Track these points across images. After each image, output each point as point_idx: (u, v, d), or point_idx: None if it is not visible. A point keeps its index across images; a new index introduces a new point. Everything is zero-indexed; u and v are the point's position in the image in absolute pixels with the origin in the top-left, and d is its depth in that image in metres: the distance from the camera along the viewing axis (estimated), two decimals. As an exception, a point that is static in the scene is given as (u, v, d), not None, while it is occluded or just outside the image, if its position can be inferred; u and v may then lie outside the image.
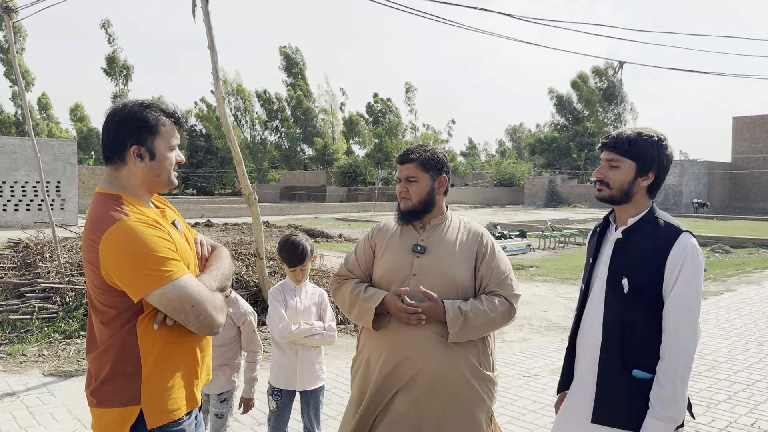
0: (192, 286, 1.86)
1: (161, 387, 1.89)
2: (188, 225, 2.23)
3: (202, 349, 2.04)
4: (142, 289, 1.81)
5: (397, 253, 2.61)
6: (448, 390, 2.44)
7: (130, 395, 1.86)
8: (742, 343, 6.89)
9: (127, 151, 1.93)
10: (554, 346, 6.95)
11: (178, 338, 1.92)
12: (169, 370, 1.91)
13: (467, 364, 2.47)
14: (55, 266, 8.05)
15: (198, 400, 2.01)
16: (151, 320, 1.88)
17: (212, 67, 6.36)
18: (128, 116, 1.94)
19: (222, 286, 2.05)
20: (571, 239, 19.36)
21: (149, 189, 2.01)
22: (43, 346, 6.36)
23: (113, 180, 1.97)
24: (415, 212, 2.61)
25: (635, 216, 2.18)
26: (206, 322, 1.87)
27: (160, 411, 1.88)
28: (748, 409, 4.84)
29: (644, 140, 2.13)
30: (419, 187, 2.59)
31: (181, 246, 1.96)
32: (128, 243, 1.80)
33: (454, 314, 2.40)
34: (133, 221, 1.83)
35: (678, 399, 2.01)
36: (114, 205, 1.87)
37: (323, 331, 3.39)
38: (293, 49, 67.42)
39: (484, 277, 2.55)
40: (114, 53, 59.60)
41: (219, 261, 2.14)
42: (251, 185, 6.96)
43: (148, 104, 1.98)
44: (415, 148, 2.68)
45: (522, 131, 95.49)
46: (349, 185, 55.03)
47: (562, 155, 60.37)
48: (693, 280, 2.02)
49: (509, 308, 2.52)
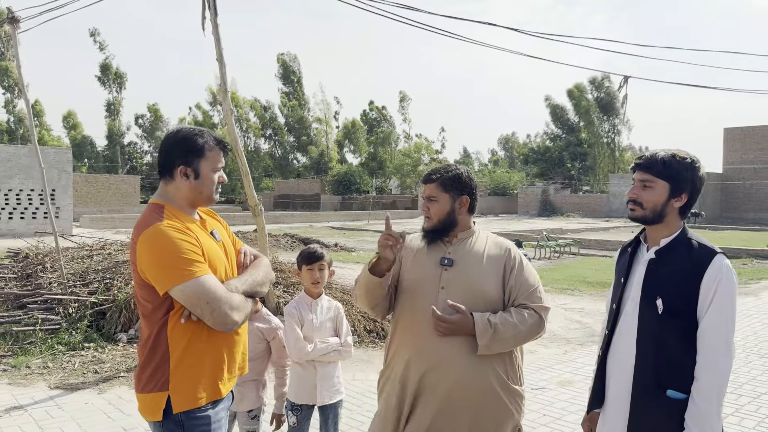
0: (210, 285, 2.09)
1: (186, 377, 2.13)
2: (233, 235, 2.50)
3: (229, 347, 2.25)
4: (166, 284, 2.07)
5: (425, 266, 2.63)
6: (476, 402, 2.46)
7: (161, 383, 2.12)
8: (744, 355, 6.93)
9: (176, 169, 2.23)
10: (559, 358, 6.98)
11: (203, 335, 2.16)
12: (195, 362, 2.14)
13: (496, 377, 2.49)
14: (58, 277, 8.01)
15: (222, 393, 2.21)
16: (180, 317, 2.13)
17: (221, 80, 6.39)
18: (179, 140, 2.25)
19: (252, 291, 2.27)
20: (566, 249, 19.44)
21: (192, 203, 2.30)
22: (48, 358, 6.32)
23: (163, 192, 2.28)
24: (436, 231, 2.65)
25: (668, 237, 2.21)
26: (220, 318, 2.10)
27: (184, 398, 2.12)
28: (756, 422, 4.88)
29: (678, 162, 2.17)
30: (439, 207, 2.63)
31: (211, 251, 2.21)
32: (157, 243, 2.09)
33: (483, 326, 2.42)
34: (164, 226, 2.11)
35: (713, 419, 2.03)
36: (155, 213, 2.18)
37: (339, 348, 3.40)
38: (291, 57, 67.37)
39: (513, 289, 2.57)
40: (107, 61, 59.47)
41: (255, 269, 2.38)
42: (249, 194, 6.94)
43: (199, 131, 2.28)
44: (438, 168, 2.72)
45: (514, 141, 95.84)
46: (344, 194, 55.01)
47: (555, 165, 60.66)
48: (728, 302, 2.05)
49: (539, 321, 2.54)
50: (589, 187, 59.86)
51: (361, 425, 4.67)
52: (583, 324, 8.92)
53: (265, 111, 67.17)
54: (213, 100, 64.80)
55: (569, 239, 20.97)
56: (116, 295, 7.33)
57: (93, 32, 58.96)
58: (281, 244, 18.83)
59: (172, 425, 2.13)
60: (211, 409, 2.18)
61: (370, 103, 68.84)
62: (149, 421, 2.21)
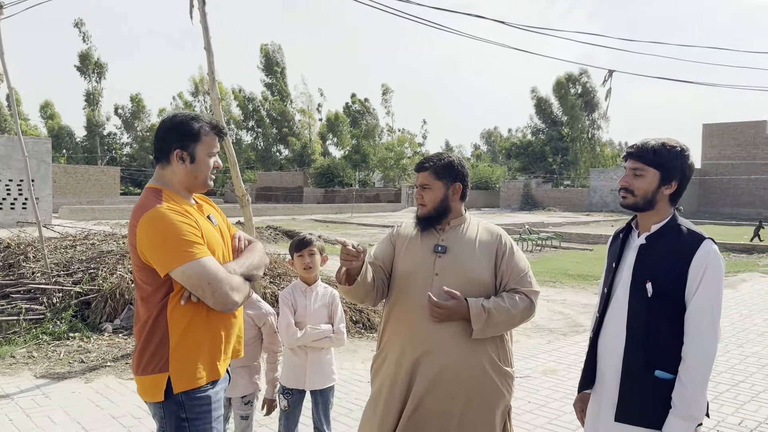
0: (210, 266, 2.12)
1: (186, 358, 2.16)
2: (228, 221, 2.49)
3: (227, 328, 2.29)
4: (167, 265, 2.10)
5: (419, 253, 2.68)
6: (470, 384, 2.53)
7: (161, 364, 2.15)
8: (722, 345, 7.09)
9: (171, 153, 2.26)
10: (542, 347, 7.09)
11: (202, 316, 2.19)
12: (194, 343, 2.17)
13: (488, 360, 2.57)
14: (41, 267, 7.93)
15: (220, 373, 2.26)
16: (180, 299, 2.15)
17: (208, 69, 6.36)
18: (176, 125, 2.27)
19: (248, 274, 2.30)
20: (548, 242, 19.64)
21: (188, 188, 2.32)
22: (32, 348, 6.27)
23: (159, 177, 2.30)
24: (430, 218, 2.70)
25: (658, 223, 2.27)
26: (221, 298, 2.13)
27: (184, 378, 2.16)
28: (734, 408, 5.01)
29: (668, 150, 2.23)
30: (433, 194, 2.69)
31: (209, 235, 2.23)
32: (158, 225, 2.11)
33: (478, 311, 2.49)
34: (164, 208, 2.14)
35: (699, 399, 2.11)
36: (153, 197, 2.20)
37: (331, 334, 3.44)
38: (275, 47, 66.74)
39: (504, 275, 2.64)
40: (88, 50, 58.63)
41: (250, 253, 2.41)
42: (230, 185, 6.94)
43: (195, 116, 2.31)
44: (430, 156, 2.79)
45: (496, 135, 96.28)
46: (327, 187, 54.92)
47: (537, 159, 61.11)
48: (714, 285, 2.12)
49: (530, 305, 2.62)
50: (570, 181, 60.41)
51: (349, 412, 4.73)
52: (566, 315, 9.06)
53: (247, 102, 66.67)
54: (195, 90, 64.18)
55: (551, 233, 21.21)
56: (101, 284, 7.29)
57: (78, 23, 58.11)
58: (264, 237, 18.80)
59: (173, 406, 2.16)
60: (210, 389, 2.22)
61: (353, 95, 68.63)
62: (149, 402, 2.23)
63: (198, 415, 2.18)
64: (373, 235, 22.93)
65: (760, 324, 8.31)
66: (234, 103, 66.41)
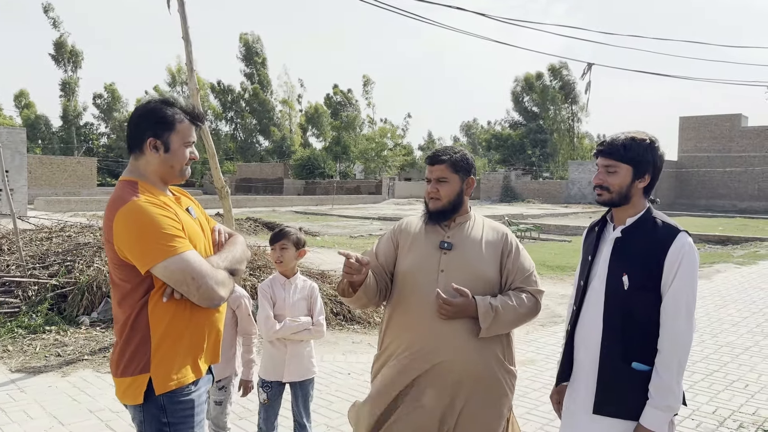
0: (194, 260, 2.03)
1: (168, 358, 2.06)
2: (206, 214, 2.41)
3: (211, 326, 2.20)
4: (149, 261, 1.99)
5: (424, 249, 2.63)
6: (476, 384, 2.49)
7: (141, 365, 2.04)
8: (697, 335, 7.20)
9: (145, 143, 2.14)
10: (521, 338, 7.14)
11: (185, 313, 2.09)
12: (176, 342, 2.08)
13: (495, 358, 2.54)
14: (16, 259, 7.80)
15: (202, 371, 2.17)
16: (161, 295, 2.05)
17: (186, 59, 6.29)
18: (149, 111, 2.15)
19: (231, 268, 2.20)
20: (527, 234, 19.79)
21: (163, 179, 2.20)
22: (7, 341, 6.18)
23: (133, 168, 2.18)
24: (445, 212, 2.64)
25: (633, 216, 2.30)
26: (206, 294, 2.04)
27: (166, 379, 2.06)
28: (709, 398, 5.10)
29: (638, 144, 2.25)
30: (450, 188, 2.63)
31: (189, 228, 2.14)
32: (137, 219, 1.99)
33: (486, 309, 2.45)
34: (142, 201, 2.03)
35: (675, 389, 2.14)
36: (129, 189, 2.08)
37: (310, 327, 3.44)
38: (255, 38, 66.17)
39: (510, 273, 2.61)
40: (62, 38, 57.62)
41: (232, 246, 2.31)
42: (209, 177, 6.89)
43: (170, 102, 2.19)
44: (445, 149, 2.71)
45: (476, 127, 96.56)
46: (307, 178, 54.70)
47: (516, 152, 61.47)
48: (690, 277, 2.15)
49: (536, 304, 2.61)
50: (549, 173, 60.86)
51: (330, 404, 4.73)
52: (544, 306, 9.10)
53: (226, 93, 66.04)
54: (172, 81, 63.36)
55: (530, 224, 21.37)
56: (78, 277, 7.19)
57: (46, 7, 57.10)
58: (244, 228, 18.70)
59: (153, 409, 2.06)
60: (194, 392, 2.14)
61: (335, 86, 68.34)
62: (129, 405, 2.13)
63: (180, 420, 2.09)
64: (354, 227, 22.91)
65: (734, 314, 8.46)
66: (212, 94, 65.76)
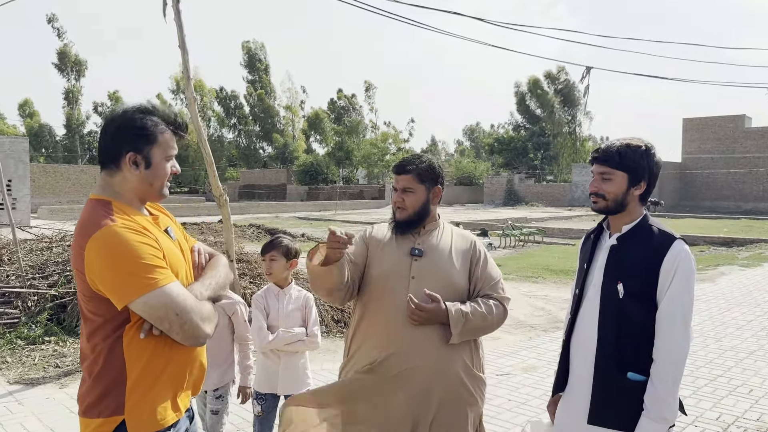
0: (177, 294, 1.81)
1: (145, 399, 1.84)
2: (185, 233, 2.19)
3: (193, 361, 1.99)
4: (125, 296, 1.76)
5: (394, 255, 2.63)
6: (445, 390, 2.50)
7: (114, 407, 1.82)
8: (701, 339, 7.15)
9: (123, 157, 1.90)
10: (523, 344, 7.09)
11: (165, 349, 1.87)
12: (155, 382, 1.86)
13: (462, 365, 2.54)
14: (15, 269, 7.79)
15: (182, 410, 1.95)
16: (138, 330, 1.82)
17: (183, 67, 6.26)
18: (126, 122, 1.91)
19: (215, 296, 2.00)
20: (530, 238, 19.72)
21: (141, 197, 1.98)
22: (6, 352, 6.15)
23: (106, 186, 1.94)
24: (410, 222, 2.64)
25: (629, 223, 2.26)
26: (191, 332, 1.83)
27: (142, 422, 1.83)
28: (713, 403, 5.04)
29: (633, 151, 2.22)
30: (415, 198, 2.63)
31: (170, 254, 1.92)
32: (112, 248, 1.76)
33: (457, 316, 2.47)
34: (118, 227, 1.79)
35: (670, 400, 2.10)
36: (102, 211, 1.84)
37: (304, 338, 3.40)
38: (258, 45, 66.26)
39: (479, 281, 2.64)
40: (66, 48, 57.90)
41: (214, 270, 2.09)
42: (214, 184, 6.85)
43: (148, 110, 1.94)
44: (411, 158, 2.70)
45: (479, 131, 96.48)
46: (310, 184, 54.69)
47: (519, 155, 61.36)
48: (686, 286, 2.11)
49: (504, 311, 2.63)
50: (553, 176, 60.73)
51: (328, 414, 4.68)
52: (547, 311, 9.07)
53: (230, 100, 66.19)
54: (176, 88, 63.57)
55: (533, 228, 21.28)
56: (77, 287, 7.17)
57: (50, 18, 57.40)
58: (247, 235, 18.68)
59: None
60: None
61: (339, 91, 68.34)
62: None
63: None
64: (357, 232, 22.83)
65: (738, 317, 8.39)
66: (216, 100, 65.91)
